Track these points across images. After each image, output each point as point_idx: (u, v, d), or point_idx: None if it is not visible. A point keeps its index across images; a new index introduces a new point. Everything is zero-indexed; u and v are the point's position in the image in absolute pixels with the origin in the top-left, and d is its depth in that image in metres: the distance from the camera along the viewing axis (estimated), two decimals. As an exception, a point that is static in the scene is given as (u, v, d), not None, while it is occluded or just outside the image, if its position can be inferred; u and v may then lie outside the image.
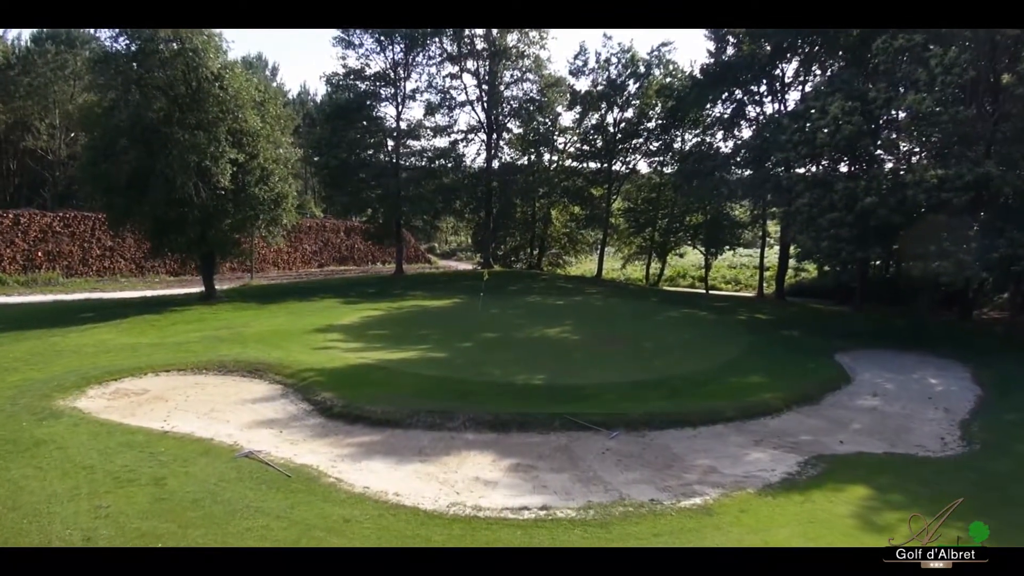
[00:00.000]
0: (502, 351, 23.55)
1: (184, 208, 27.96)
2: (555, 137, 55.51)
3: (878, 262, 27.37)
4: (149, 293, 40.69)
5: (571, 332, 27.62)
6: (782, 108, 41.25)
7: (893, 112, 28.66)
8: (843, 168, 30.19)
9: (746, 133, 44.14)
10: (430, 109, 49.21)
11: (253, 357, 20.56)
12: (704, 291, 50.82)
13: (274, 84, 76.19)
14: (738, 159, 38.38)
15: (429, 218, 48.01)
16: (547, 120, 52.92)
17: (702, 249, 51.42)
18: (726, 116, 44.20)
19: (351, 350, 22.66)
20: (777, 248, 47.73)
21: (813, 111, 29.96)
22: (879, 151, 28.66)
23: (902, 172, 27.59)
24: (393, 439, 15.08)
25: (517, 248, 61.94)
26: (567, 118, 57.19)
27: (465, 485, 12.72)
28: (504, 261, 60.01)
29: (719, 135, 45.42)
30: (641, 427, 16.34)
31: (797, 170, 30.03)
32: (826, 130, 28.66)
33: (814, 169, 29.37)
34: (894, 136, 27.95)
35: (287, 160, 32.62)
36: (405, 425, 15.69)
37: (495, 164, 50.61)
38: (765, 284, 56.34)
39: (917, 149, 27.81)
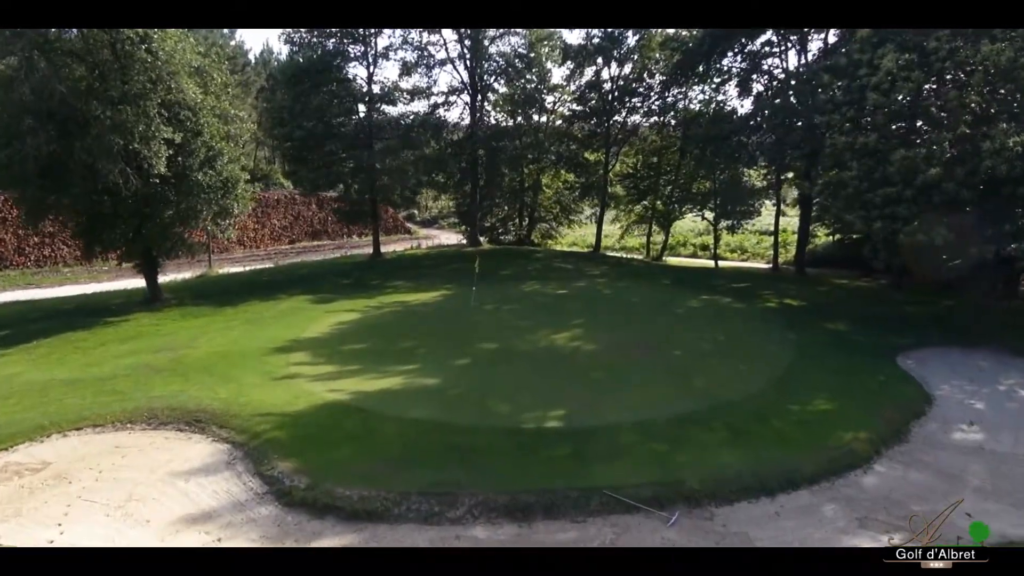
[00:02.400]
0: (505, 372, 19.62)
1: (113, 199, 23.53)
2: (545, 96, 51.08)
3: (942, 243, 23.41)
4: (90, 289, 36.34)
5: (583, 337, 23.67)
6: (803, 59, 37.08)
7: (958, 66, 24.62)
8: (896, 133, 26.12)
9: (760, 89, 40.06)
10: (406, 69, 44.34)
11: (194, 400, 16.47)
12: (713, 264, 47.14)
13: (232, 43, 70.55)
14: (759, 121, 34.17)
15: (408, 193, 43.44)
16: (534, 78, 48.32)
17: (711, 219, 47.53)
18: (742, 70, 39.85)
19: (319, 378, 18.62)
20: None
21: (861, 67, 25.86)
22: (943, 113, 24.62)
23: (973, 138, 23.65)
24: (376, 540, 11.16)
25: (505, 219, 57.74)
26: (558, 75, 52.68)
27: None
28: (491, 234, 55.83)
29: (732, 92, 41.21)
30: (705, 502, 12.55)
31: (839, 136, 25.92)
32: (879, 88, 24.67)
33: (863, 136, 25.22)
34: (962, 95, 23.89)
35: (238, 137, 28.04)
36: (391, 518, 11.73)
37: (480, 130, 45.98)
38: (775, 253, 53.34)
39: (993, 110, 23.80)
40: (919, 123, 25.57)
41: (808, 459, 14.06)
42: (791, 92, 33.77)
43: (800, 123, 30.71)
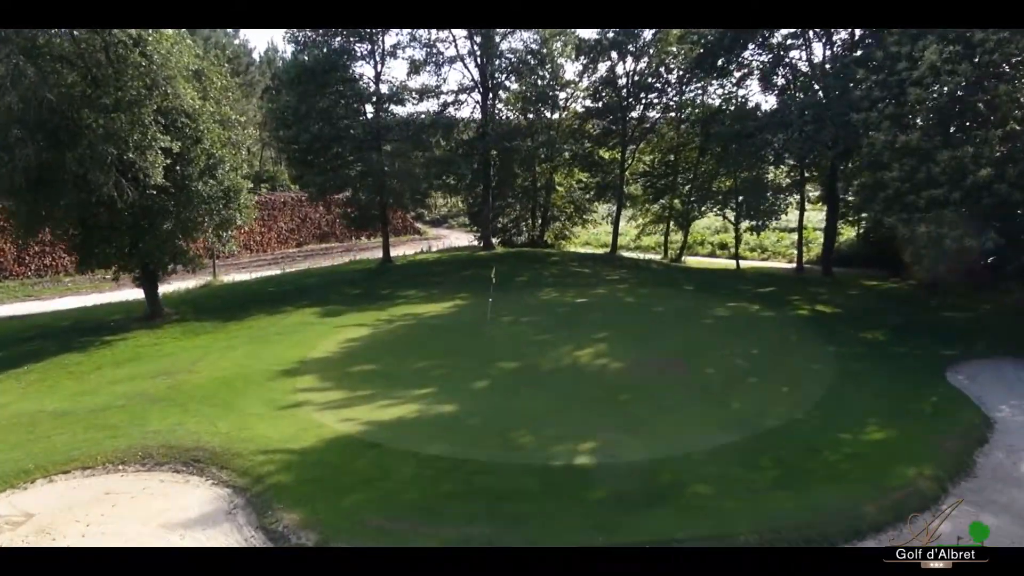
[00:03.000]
0: (527, 396, 18.32)
1: (108, 212, 22.35)
2: (557, 93, 49.62)
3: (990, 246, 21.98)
4: (91, 300, 35.23)
5: (608, 353, 22.32)
6: (827, 52, 35.48)
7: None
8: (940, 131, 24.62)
9: (783, 83, 38.48)
10: (414, 67, 42.95)
11: (192, 436, 15.23)
12: (735, 265, 45.70)
13: (236, 41, 69.38)
14: (787, 117, 32.61)
15: (418, 196, 42.06)
16: (546, 74, 46.86)
17: (732, 219, 46.04)
18: (764, 64, 38.30)
19: (328, 406, 17.36)
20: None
21: (900, 61, 24.37)
22: (991, 109, 23.14)
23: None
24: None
25: (517, 219, 56.41)
26: (571, 70, 51.23)
27: None
28: (504, 235, 54.51)
29: (754, 87, 39.68)
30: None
31: (878, 134, 24.44)
32: (921, 83, 23.21)
33: (904, 134, 23.77)
34: (1012, 89, 22.41)
35: (240, 143, 26.76)
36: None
37: (492, 129, 44.58)
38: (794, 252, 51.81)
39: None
40: (966, 121, 24.05)
41: (870, 501, 12.66)
42: (819, 86, 32.22)
43: (832, 120, 29.15)
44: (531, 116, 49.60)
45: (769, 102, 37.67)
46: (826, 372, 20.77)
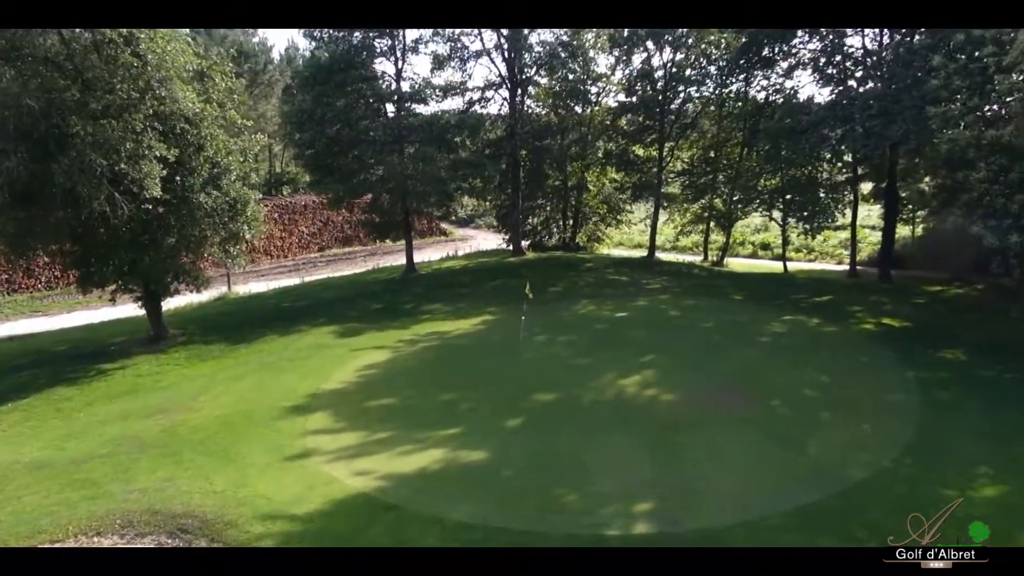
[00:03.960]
0: (569, 438, 16.11)
1: (104, 228, 20.54)
2: (589, 87, 47.28)
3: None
4: (99, 316, 33.64)
5: (657, 381, 20.00)
6: (890, 39, 32.64)
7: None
8: None
9: (836, 72, 35.70)
10: (438, 63, 40.78)
11: (182, 495, 13.22)
12: (782, 268, 43.08)
13: (255, 40, 67.81)
14: (848, 112, 29.91)
15: (444, 200, 39.85)
16: (577, 67, 44.46)
17: (778, 220, 43.40)
18: (817, 52, 35.57)
19: (340, 454, 15.29)
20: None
21: (985, 45, 21.71)
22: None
23: None
24: None
25: (547, 221, 54.15)
26: (604, 64, 48.76)
27: None
28: (533, 237, 52.28)
29: (805, 78, 36.99)
30: None
31: (961, 129, 21.85)
32: (1017, 68, 20.56)
33: (993, 129, 21.14)
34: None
35: (248, 150, 24.75)
36: None
37: (520, 127, 42.31)
38: (845, 252, 49.10)
39: None
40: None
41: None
42: (884, 76, 29.49)
43: (902, 113, 26.46)
44: (562, 112, 47.36)
45: (823, 94, 34.50)
46: (910, 404, 18.31)
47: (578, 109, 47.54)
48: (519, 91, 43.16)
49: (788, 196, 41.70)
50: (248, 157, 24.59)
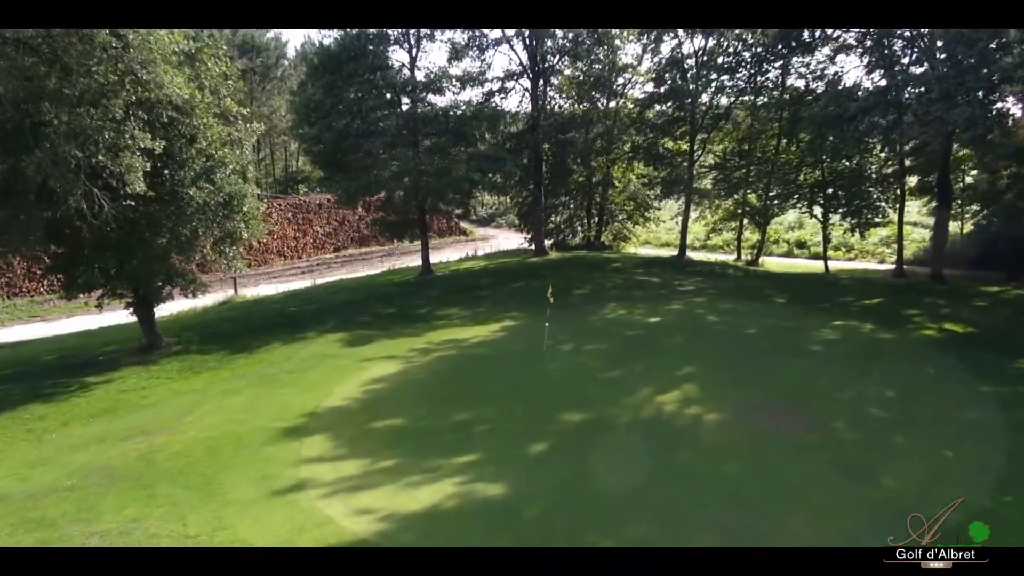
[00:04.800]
0: (602, 465, 14.05)
1: (87, 228, 18.76)
2: (615, 78, 45.13)
3: None
4: (96, 323, 32.01)
5: (699, 397, 17.81)
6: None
7: None
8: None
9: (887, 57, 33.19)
10: (455, 52, 38.74)
11: (150, 541, 11.18)
12: (823, 268, 40.69)
13: (269, 34, 66.29)
14: (901, 96, 27.48)
15: (462, 197, 37.77)
16: (601, 55, 42.30)
17: (819, 217, 40.99)
18: (863, 34, 33.07)
19: (338, 487, 13.31)
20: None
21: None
22: None
23: None
24: None
25: (571, 219, 52.04)
26: (631, 52, 46.56)
27: None
28: (557, 236, 50.19)
29: (849, 62, 34.43)
30: None
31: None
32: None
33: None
34: None
35: (245, 140, 22.82)
36: None
37: (543, 119, 40.21)
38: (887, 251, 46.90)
39: None
40: None
41: None
42: (943, 56, 27.03)
43: (967, 96, 24.02)
44: (586, 105, 45.24)
45: (872, 79, 31.88)
46: (992, 425, 15.98)
47: (603, 102, 45.47)
48: (541, 81, 41.05)
49: (830, 191, 39.46)
50: (245, 148, 22.68)
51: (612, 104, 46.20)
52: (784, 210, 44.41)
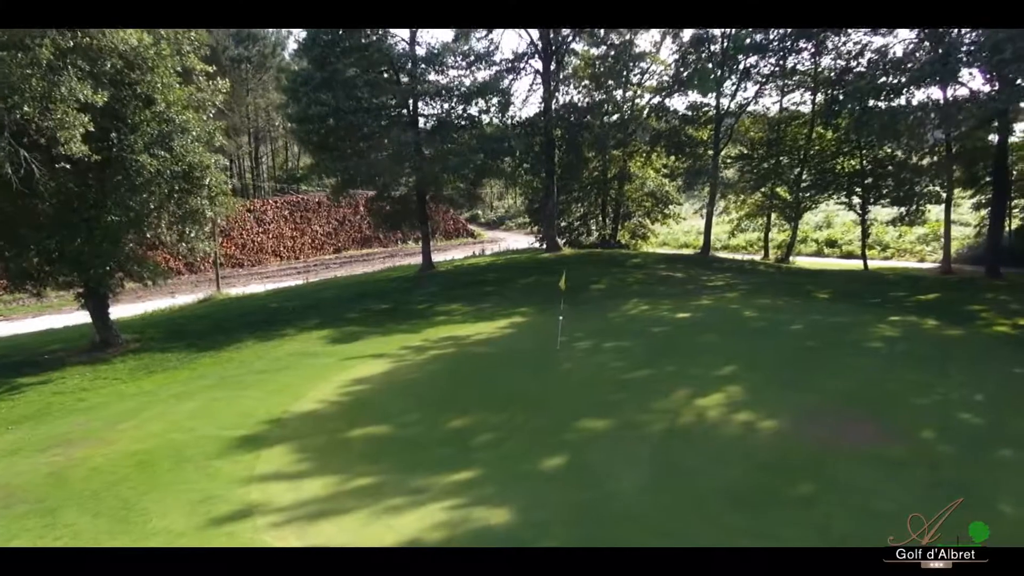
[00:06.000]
0: (633, 484, 11.18)
1: (15, 200, 16.01)
2: (632, 66, 42.39)
3: None
4: (65, 323, 29.33)
5: (747, 401, 14.86)
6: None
7: None
8: None
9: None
10: (462, 32, 35.94)
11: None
12: (862, 266, 37.74)
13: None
14: (966, 59, 24.44)
15: (466, 186, 34.77)
16: (616, 40, 39.53)
17: (858, 209, 38.03)
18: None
19: (298, 513, 10.46)
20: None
21: None
22: None
23: None
24: None
25: (585, 216, 49.14)
26: (647, 40, 43.67)
27: None
28: (569, 235, 47.30)
29: (897, 37, 31.46)
30: None
31: None
32: None
33: None
34: None
35: (206, 103, 19.98)
36: None
37: (556, 105, 37.38)
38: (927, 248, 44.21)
39: None
40: None
41: None
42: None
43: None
44: (602, 95, 42.41)
45: (925, 48, 28.70)
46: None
47: (619, 93, 42.71)
48: (553, 61, 38.18)
49: (869, 180, 36.56)
50: (207, 111, 19.81)
51: (628, 94, 43.47)
52: (818, 203, 41.44)
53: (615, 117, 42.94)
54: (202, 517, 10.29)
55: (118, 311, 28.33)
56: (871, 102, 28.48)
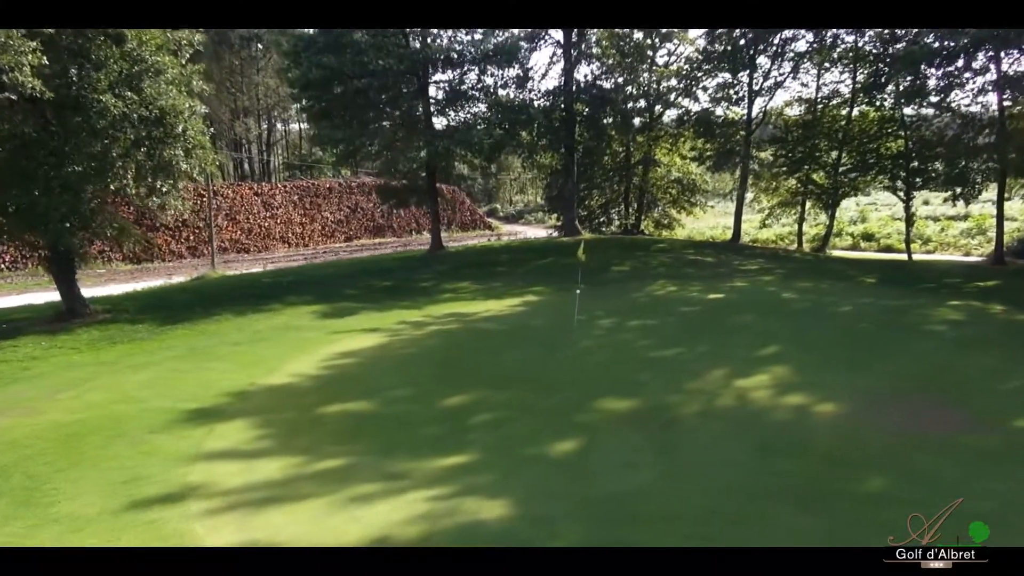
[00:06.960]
0: (666, 474, 9.08)
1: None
2: (658, 44, 40.30)
3: None
4: (44, 298, 27.57)
5: (796, 382, 12.66)
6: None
7: None
8: None
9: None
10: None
11: None
12: (907, 258, 35.37)
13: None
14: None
15: (480, 159, 32.49)
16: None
17: (902, 195, 35.61)
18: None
19: (241, 499, 8.46)
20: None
21: None
22: None
23: None
24: None
25: (607, 204, 46.94)
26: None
27: None
28: (590, 223, 45.10)
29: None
30: None
31: None
32: None
33: None
34: None
35: (184, 42, 18.00)
36: None
37: (577, 78, 35.26)
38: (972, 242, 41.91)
39: None
40: None
41: None
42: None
43: None
44: (626, 76, 40.28)
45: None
46: None
47: (645, 77, 40.59)
48: (575, 33, 36.01)
49: (914, 164, 34.19)
50: (183, 52, 17.84)
51: (653, 75, 41.31)
52: (858, 188, 39.00)
53: (640, 103, 41.00)
54: (121, 500, 8.28)
55: (108, 290, 26.67)
56: (924, 67, 26.06)
